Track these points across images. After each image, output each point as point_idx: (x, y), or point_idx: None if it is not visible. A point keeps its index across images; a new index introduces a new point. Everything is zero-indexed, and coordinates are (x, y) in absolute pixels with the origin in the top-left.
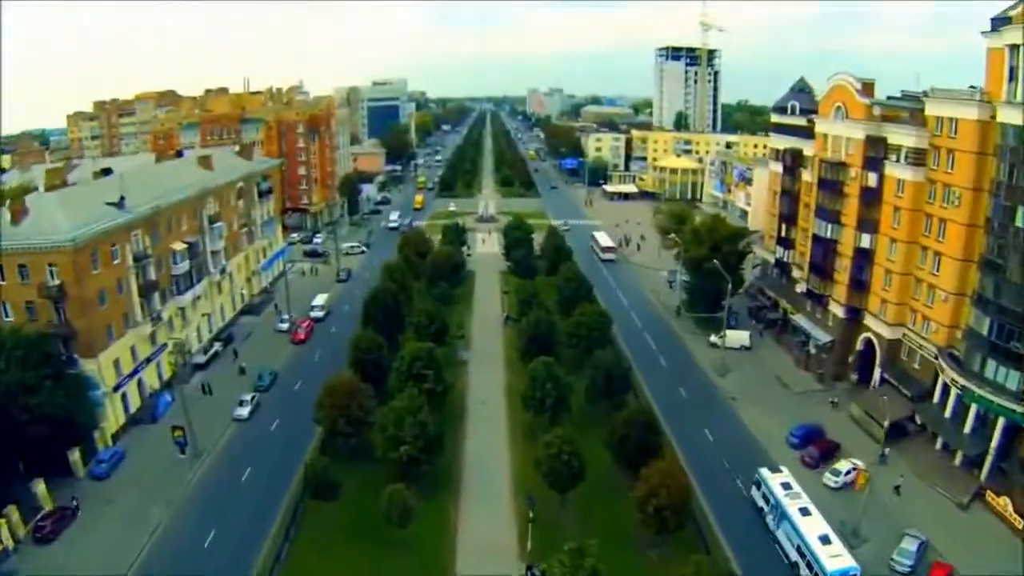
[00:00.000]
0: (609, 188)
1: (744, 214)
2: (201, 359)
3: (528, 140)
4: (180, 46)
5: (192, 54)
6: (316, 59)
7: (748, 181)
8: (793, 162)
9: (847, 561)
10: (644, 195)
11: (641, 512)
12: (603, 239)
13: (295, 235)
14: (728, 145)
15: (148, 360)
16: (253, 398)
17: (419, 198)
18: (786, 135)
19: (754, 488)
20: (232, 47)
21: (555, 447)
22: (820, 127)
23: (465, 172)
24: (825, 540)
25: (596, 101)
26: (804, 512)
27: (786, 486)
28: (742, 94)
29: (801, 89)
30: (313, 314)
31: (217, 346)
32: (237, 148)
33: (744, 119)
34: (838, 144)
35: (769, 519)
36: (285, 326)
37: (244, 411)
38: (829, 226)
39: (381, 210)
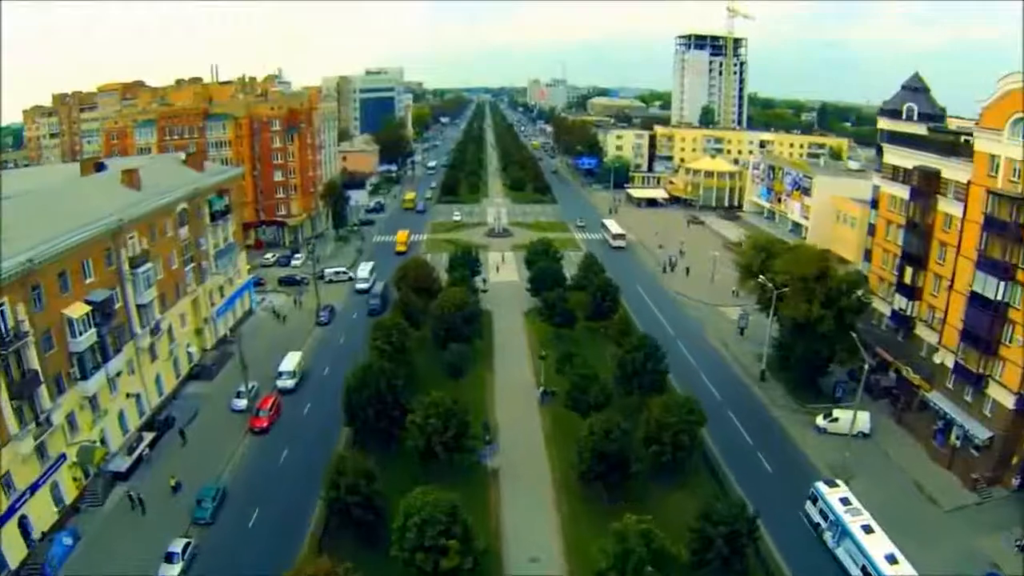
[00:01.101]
0: (635, 193)
1: (797, 227)
2: (122, 465)
3: (533, 135)
4: (179, 46)
5: (189, 54)
6: (315, 57)
7: (805, 191)
8: (926, 186)
9: None
10: (675, 201)
11: None
12: (613, 227)
13: (269, 255)
14: (762, 144)
15: (35, 487)
16: (187, 547)
17: (403, 235)
18: (905, 147)
19: (809, 503)
20: (229, 47)
21: None
22: (986, 145)
23: (470, 174)
24: (892, 559)
25: (603, 93)
26: (867, 530)
27: (845, 501)
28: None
29: (916, 88)
30: (281, 383)
31: (145, 444)
32: (183, 155)
33: (755, 113)
34: (1016, 171)
35: (828, 536)
36: (242, 404)
37: (174, 571)
38: (999, 283)
39: (374, 220)
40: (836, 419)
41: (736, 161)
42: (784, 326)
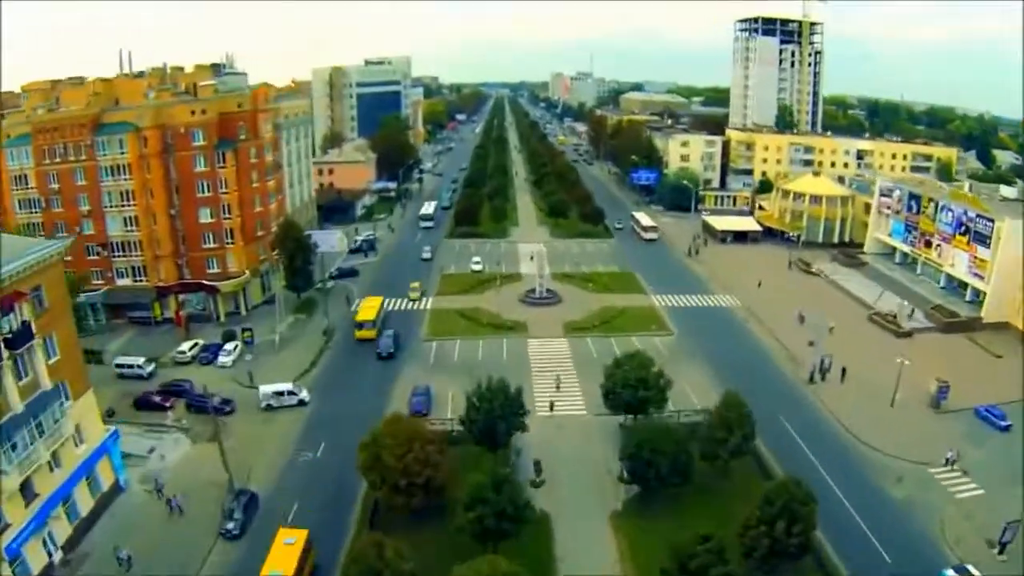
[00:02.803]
0: (718, 223)
1: (953, 284)
2: None
3: (560, 133)
4: (179, 46)
5: (189, 54)
6: (316, 57)
7: (980, 237)
8: None
9: None
10: (768, 233)
11: None
12: (644, 219)
13: (186, 346)
14: (860, 155)
15: None
16: None
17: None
18: None
19: None
20: (229, 47)
21: None
22: None
23: (494, 193)
24: None
25: (638, 87)
26: None
27: None
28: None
29: None
30: None
31: None
32: None
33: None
34: None
35: None
36: None
37: None
38: None
39: (358, 270)
40: None
41: (842, 180)
42: None
